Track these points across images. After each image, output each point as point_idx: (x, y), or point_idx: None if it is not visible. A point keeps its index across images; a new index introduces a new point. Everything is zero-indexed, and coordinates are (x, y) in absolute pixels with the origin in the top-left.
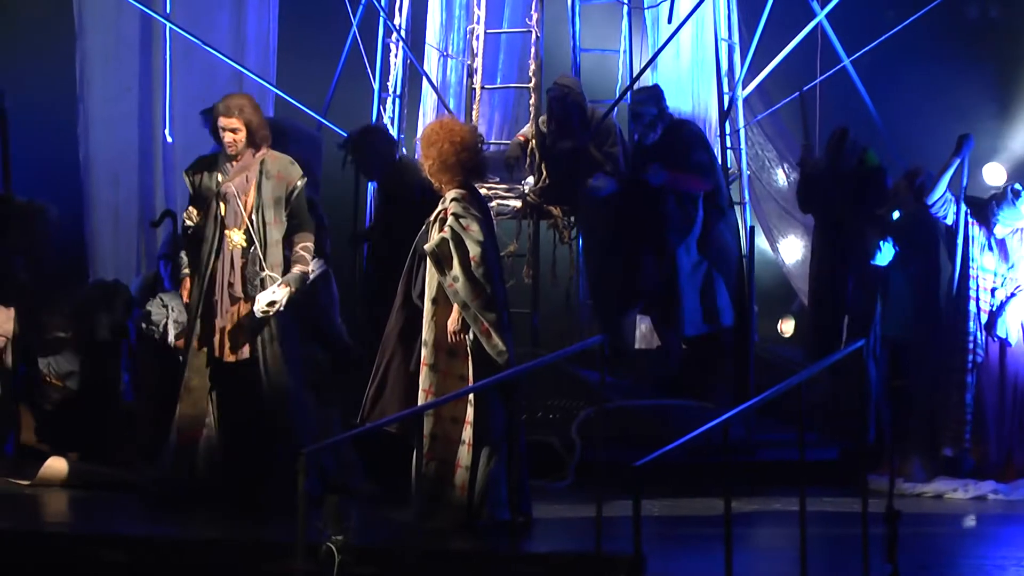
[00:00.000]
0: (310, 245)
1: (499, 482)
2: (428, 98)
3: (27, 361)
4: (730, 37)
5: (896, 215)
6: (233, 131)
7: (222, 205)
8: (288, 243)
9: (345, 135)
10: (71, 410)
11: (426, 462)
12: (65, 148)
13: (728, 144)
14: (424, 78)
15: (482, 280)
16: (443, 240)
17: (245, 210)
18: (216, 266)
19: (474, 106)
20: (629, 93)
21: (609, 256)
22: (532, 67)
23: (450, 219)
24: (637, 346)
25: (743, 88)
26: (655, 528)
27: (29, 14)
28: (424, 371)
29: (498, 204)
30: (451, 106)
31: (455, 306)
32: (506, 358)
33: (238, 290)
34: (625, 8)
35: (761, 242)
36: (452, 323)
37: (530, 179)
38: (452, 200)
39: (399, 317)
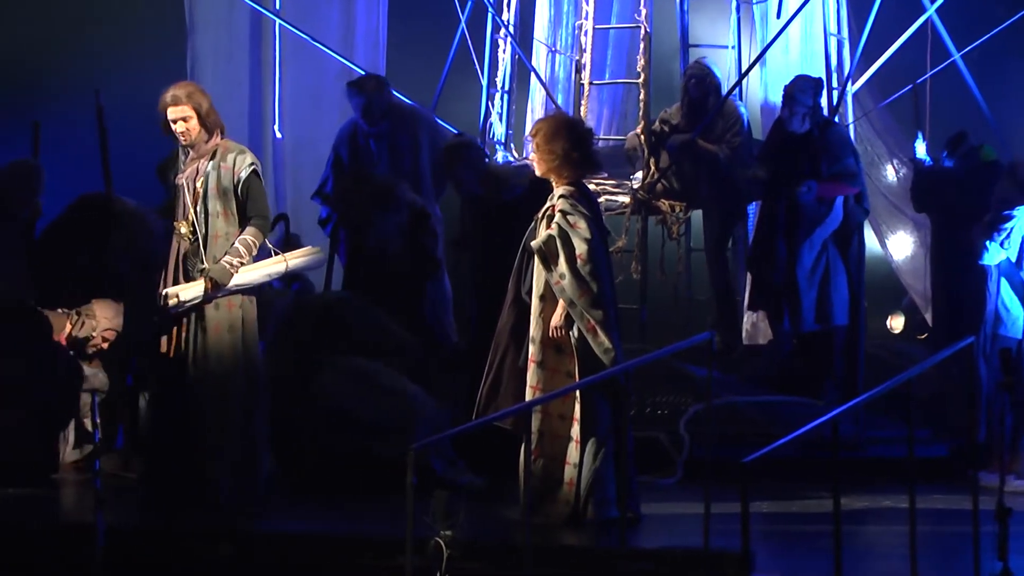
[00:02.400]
0: (250, 239)
1: (607, 480)
2: (536, 94)
3: (139, 355)
4: (839, 32)
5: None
6: (184, 119)
7: (177, 198)
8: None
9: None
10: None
11: (534, 459)
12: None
13: None
14: (532, 74)
15: (588, 277)
16: (550, 237)
17: (192, 200)
18: (168, 261)
19: (582, 102)
20: (739, 88)
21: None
22: (640, 62)
23: (557, 216)
24: (744, 342)
25: (852, 83)
26: (763, 524)
27: (141, 14)
28: (532, 368)
29: (606, 200)
30: (559, 102)
31: (560, 302)
32: (612, 356)
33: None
34: (734, 3)
35: (870, 238)
36: (555, 319)
37: (639, 175)
38: (560, 197)
39: (511, 314)
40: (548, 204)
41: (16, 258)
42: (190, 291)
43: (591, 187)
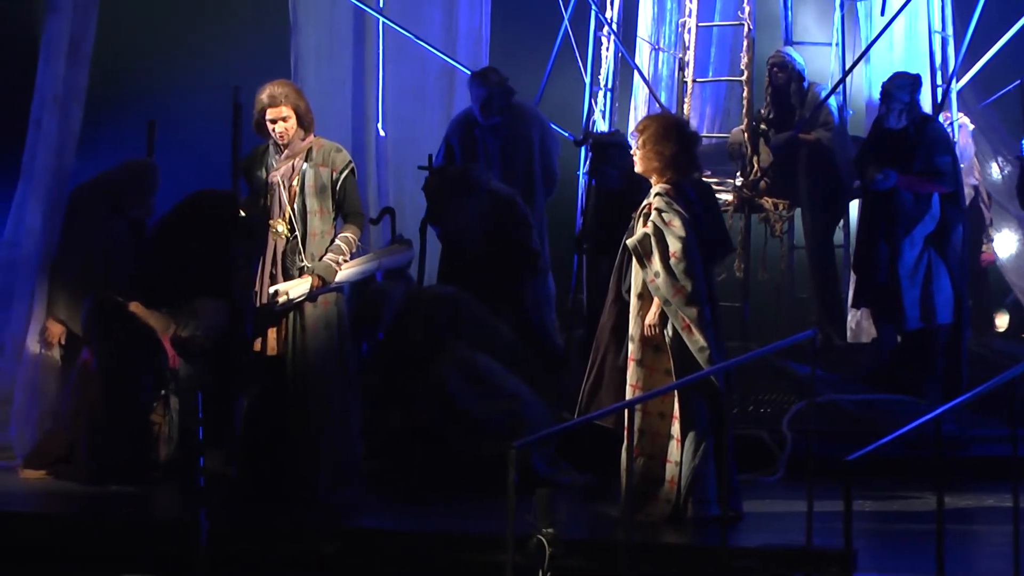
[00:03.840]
0: (350, 236)
1: (707, 478)
2: (639, 92)
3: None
4: (943, 29)
5: None
6: (284, 119)
7: (269, 196)
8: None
9: (569, 136)
10: None
11: (635, 457)
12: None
13: None
14: (635, 72)
15: (682, 276)
16: (645, 235)
17: (288, 199)
18: (263, 258)
19: (685, 99)
20: (843, 84)
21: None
22: (744, 60)
23: (653, 214)
24: (847, 340)
25: (957, 81)
26: (866, 523)
27: (245, 14)
28: (631, 366)
29: None
30: (662, 99)
31: (655, 300)
32: (707, 354)
33: (279, 282)
34: (838, 0)
35: None
36: (650, 317)
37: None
38: (656, 195)
39: (612, 312)
40: (645, 202)
41: (124, 257)
42: (297, 288)
43: None
